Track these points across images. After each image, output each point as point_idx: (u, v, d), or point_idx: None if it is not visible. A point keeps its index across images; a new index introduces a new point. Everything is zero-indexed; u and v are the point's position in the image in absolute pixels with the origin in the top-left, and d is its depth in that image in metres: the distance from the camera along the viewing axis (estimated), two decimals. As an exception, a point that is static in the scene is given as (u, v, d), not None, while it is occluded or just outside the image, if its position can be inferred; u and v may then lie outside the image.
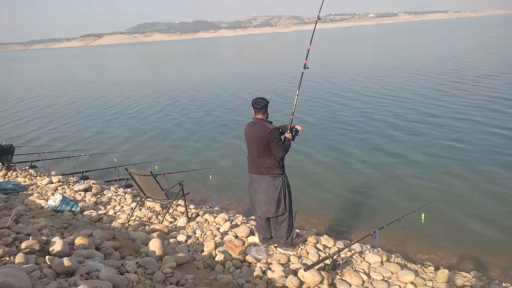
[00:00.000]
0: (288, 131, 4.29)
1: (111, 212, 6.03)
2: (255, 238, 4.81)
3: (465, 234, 5.71)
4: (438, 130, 10.63)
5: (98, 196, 6.90)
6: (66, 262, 3.13)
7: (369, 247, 4.95)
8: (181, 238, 4.86)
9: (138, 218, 5.70)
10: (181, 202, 6.25)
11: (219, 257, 4.31)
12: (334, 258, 4.13)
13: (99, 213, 5.91)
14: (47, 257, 3.29)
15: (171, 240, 4.81)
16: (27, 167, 8.89)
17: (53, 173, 8.97)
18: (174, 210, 6.13)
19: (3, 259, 3.22)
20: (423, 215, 5.55)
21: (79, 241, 3.95)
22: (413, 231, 5.79)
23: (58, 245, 3.56)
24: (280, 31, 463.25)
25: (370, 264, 4.43)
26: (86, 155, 10.15)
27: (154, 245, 4.16)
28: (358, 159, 9.00)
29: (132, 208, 6.07)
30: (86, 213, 5.85)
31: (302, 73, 4.48)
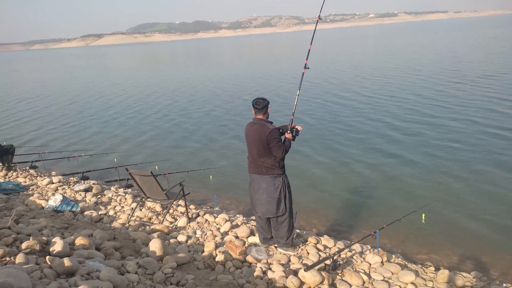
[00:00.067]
0: (288, 132, 4.29)
1: (112, 212, 6.03)
2: (256, 239, 4.81)
3: (465, 234, 5.71)
4: (438, 130, 10.63)
5: (99, 196, 6.90)
6: (67, 262, 3.13)
7: (369, 248, 4.95)
8: (181, 238, 4.86)
9: (138, 219, 5.70)
10: (181, 202, 6.26)
11: (220, 257, 4.31)
12: (335, 258, 4.13)
13: (100, 213, 5.91)
14: (48, 257, 3.29)
15: (172, 240, 4.81)
16: (28, 167, 8.91)
17: (53, 173, 8.98)
18: (174, 211, 6.13)
19: (4, 259, 3.22)
20: (424, 215, 5.55)
21: (80, 241, 3.95)
22: (413, 231, 5.79)
23: (58, 245, 3.56)
24: (280, 31, 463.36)
25: (370, 264, 4.43)
26: (87, 155, 10.17)
27: (155, 245, 4.17)
28: (358, 160, 9.00)
29: (132, 208, 6.07)
30: (86, 213, 5.85)
31: (303, 73, 4.47)
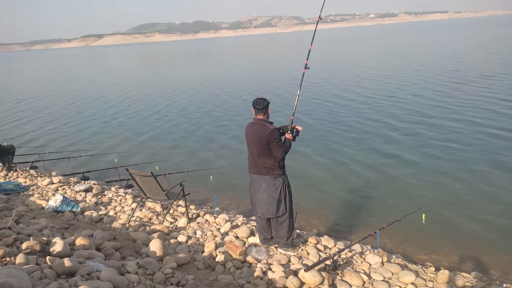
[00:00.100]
0: (288, 132, 4.29)
1: (112, 212, 6.03)
2: (256, 239, 4.81)
3: (465, 234, 5.71)
4: (438, 130, 10.62)
5: (99, 196, 6.91)
6: (67, 262, 3.13)
7: (369, 248, 4.95)
8: (181, 238, 4.86)
9: (138, 219, 5.70)
10: (181, 202, 6.26)
11: (220, 257, 4.31)
12: (335, 258, 4.13)
13: (100, 213, 5.91)
14: (48, 257, 3.29)
15: (172, 240, 4.81)
16: (28, 168, 8.91)
17: (53, 173, 8.98)
18: (174, 211, 6.13)
19: (4, 260, 3.22)
20: (424, 216, 5.56)
21: (80, 241, 3.95)
22: (413, 232, 5.78)
23: (58, 245, 3.56)
24: (280, 32, 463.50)
25: (370, 264, 4.43)
26: (87, 156, 10.18)
27: (155, 245, 4.17)
28: (358, 160, 8.99)
29: (132, 208, 6.07)
30: (86, 213, 5.85)
31: (303, 73, 4.46)
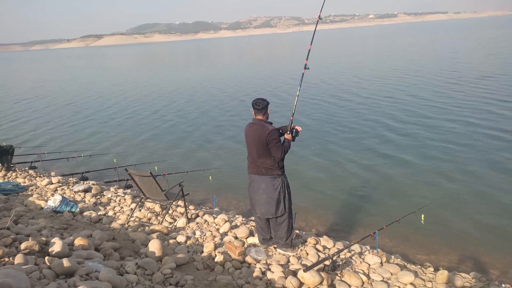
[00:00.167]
0: (288, 132, 4.29)
1: (111, 213, 6.02)
2: (255, 239, 4.80)
3: (464, 234, 5.71)
4: (437, 131, 10.62)
5: (98, 197, 6.90)
6: (66, 263, 3.13)
7: (368, 248, 4.95)
8: (180, 239, 4.86)
9: (137, 219, 5.70)
10: (180, 203, 6.25)
11: (219, 258, 4.30)
12: (334, 259, 4.13)
13: (99, 214, 5.90)
14: (47, 258, 3.29)
15: (171, 241, 4.81)
16: (27, 168, 8.90)
17: (52, 173, 8.97)
18: (173, 211, 6.13)
19: (3, 260, 3.22)
20: (423, 216, 5.56)
21: (79, 242, 3.95)
22: (412, 232, 5.78)
23: (57, 246, 3.56)
24: (280, 32, 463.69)
25: (369, 265, 4.43)
26: (86, 156, 10.17)
27: (154, 246, 4.16)
28: (358, 160, 8.99)
29: (131, 209, 6.07)
30: (85, 214, 5.85)
31: (303, 73, 4.46)
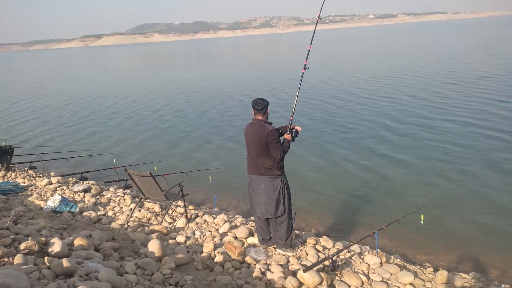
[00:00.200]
0: (287, 132, 4.29)
1: (110, 213, 6.02)
2: (255, 239, 4.80)
3: (464, 235, 5.71)
4: (436, 132, 10.63)
5: (97, 197, 6.90)
6: (65, 263, 3.12)
7: (368, 248, 4.95)
8: (180, 239, 4.86)
9: (137, 219, 5.70)
10: (180, 203, 6.25)
11: (218, 258, 4.30)
12: (333, 259, 4.13)
13: (98, 214, 5.90)
14: (46, 258, 3.29)
15: (170, 241, 4.81)
16: (26, 168, 8.90)
17: (52, 173, 8.96)
18: (173, 211, 6.13)
19: (2, 260, 3.22)
20: (422, 216, 5.57)
21: (78, 242, 3.95)
22: (412, 232, 5.79)
23: (57, 246, 3.56)
24: (279, 32, 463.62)
25: (369, 265, 4.43)
26: (85, 156, 10.16)
27: (153, 246, 4.16)
28: (357, 161, 8.99)
29: (131, 209, 6.07)
30: (85, 214, 5.84)
31: (302, 73, 4.46)
